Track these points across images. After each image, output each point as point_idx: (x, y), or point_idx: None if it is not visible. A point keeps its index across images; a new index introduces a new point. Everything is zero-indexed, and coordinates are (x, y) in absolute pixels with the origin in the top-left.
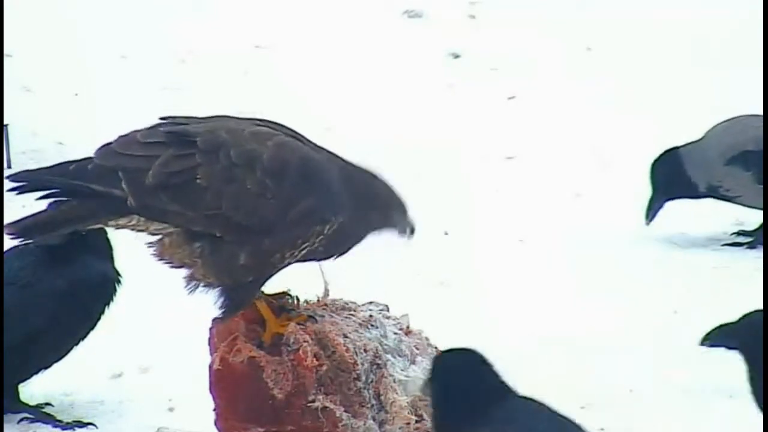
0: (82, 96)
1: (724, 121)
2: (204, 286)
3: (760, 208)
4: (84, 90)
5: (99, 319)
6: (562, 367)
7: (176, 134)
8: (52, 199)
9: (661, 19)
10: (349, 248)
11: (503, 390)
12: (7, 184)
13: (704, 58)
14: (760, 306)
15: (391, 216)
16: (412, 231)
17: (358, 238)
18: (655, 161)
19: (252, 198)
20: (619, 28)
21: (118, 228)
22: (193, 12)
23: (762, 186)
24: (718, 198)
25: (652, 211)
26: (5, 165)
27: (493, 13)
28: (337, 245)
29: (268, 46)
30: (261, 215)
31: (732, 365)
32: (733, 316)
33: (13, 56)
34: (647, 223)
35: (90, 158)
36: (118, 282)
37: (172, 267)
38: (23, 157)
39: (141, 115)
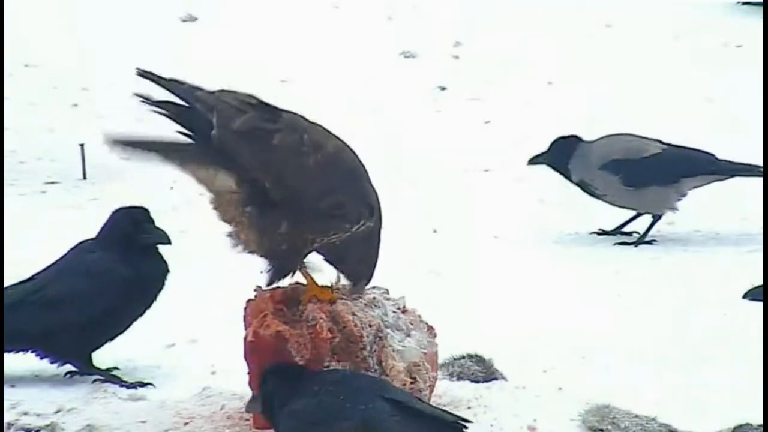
0: (143, 122)
1: (608, 135)
2: (244, 248)
3: (623, 207)
4: (145, 116)
5: (153, 302)
6: (534, 342)
7: (268, 106)
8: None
9: (619, 53)
10: (362, 259)
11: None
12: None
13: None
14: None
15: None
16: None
17: (367, 253)
18: (562, 137)
19: (305, 171)
20: (577, 66)
21: (189, 174)
22: (230, 53)
23: (628, 188)
24: (587, 192)
25: (534, 161)
26: (82, 176)
27: (473, 54)
28: (356, 249)
29: (292, 81)
30: (304, 186)
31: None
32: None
33: (89, 89)
34: (528, 164)
35: (199, 88)
36: (167, 275)
37: (222, 220)
38: (95, 170)
39: None
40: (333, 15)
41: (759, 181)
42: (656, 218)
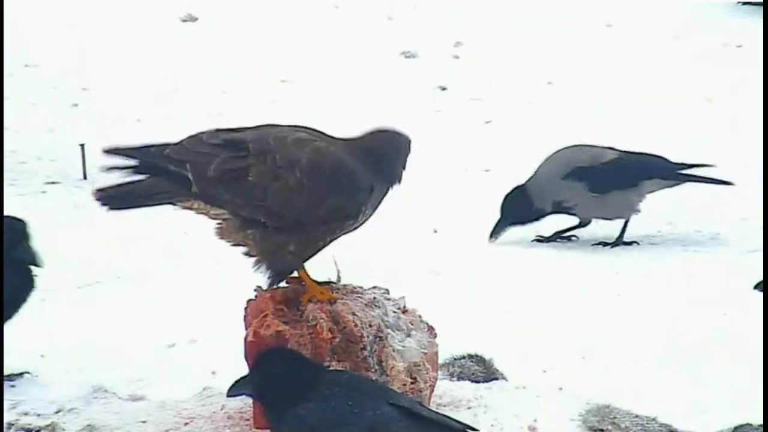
0: (143, 121)
1: (558, 150)
2: (257, 262)
3: (593, 217)
4: (145, 116)
5: (14, 314)
6: (534, 342)
7: (233, 140)
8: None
9: (616, 58)
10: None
11: (316, 372)
12: (104, 154)
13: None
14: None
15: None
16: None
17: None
18: (507, 195)
19: (291, 193)
20: (577, 66)
21: (184, 209)
22: (230, 53)
23: (593, 195)
24: (562, 212)
25: (497, 232)
26: (82, 176)
27: (473, 54)
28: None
29: (292, 81)
30: (297, 208)
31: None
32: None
33: (89, 89)
34: (491, 241)
35: (166, 146)
36: (30, 292)
37: (232, 245)
38: (96, 170)
39: None
40: (333, 15)
41: (759, 181)
42: (626, 223)
